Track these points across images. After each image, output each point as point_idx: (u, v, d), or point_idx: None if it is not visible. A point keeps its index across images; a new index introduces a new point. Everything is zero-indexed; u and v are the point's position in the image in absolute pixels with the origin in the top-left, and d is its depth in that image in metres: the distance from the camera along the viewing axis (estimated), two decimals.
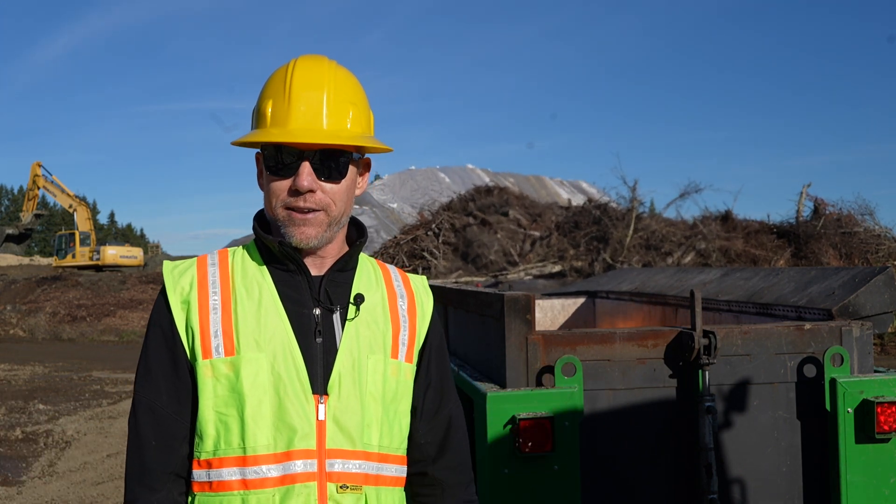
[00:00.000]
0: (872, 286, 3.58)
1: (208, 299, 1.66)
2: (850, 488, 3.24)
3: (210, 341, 1.62)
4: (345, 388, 1.63)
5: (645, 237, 20.23)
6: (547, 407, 3.09)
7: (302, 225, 1.63)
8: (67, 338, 24.52)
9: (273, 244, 1.67)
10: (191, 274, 1.69)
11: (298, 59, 1.70)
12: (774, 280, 4.38)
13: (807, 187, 20.76)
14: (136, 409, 1.67)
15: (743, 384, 3.34)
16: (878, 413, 3.17)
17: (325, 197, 1.64)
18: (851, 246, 18.62)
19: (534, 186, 67.16)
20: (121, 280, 30.59)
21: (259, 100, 1.69)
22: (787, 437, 3.36)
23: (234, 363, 1.60)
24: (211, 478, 1.61)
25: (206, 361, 1.62)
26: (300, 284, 1.68)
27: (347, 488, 1.61)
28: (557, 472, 3.10)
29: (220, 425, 1.60)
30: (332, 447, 1.61)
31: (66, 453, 8.82)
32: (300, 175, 1.61)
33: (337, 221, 1.68)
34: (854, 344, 3.38)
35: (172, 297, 1.67)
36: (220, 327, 1.63)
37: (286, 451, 1.59)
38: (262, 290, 1.66)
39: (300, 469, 1.59)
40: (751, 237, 19.95)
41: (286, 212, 1.64)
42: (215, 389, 1.61)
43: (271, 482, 1.58)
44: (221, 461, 1.60)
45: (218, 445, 1.61)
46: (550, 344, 3.27)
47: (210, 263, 1.72)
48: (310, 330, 1.65)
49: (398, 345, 1.73)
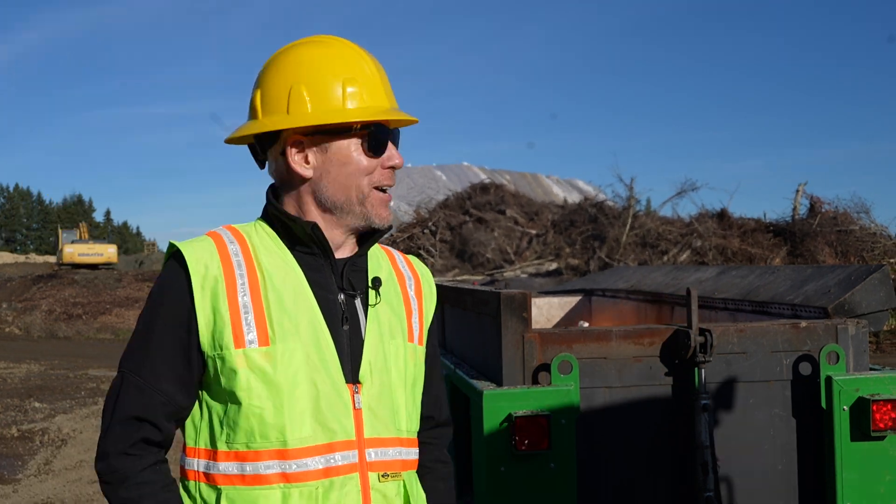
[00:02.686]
0: (868, 284, 3.59)
1: (235, 283, 1.56)
2: (846, 486, 3.25)
3: (242, 329, 1.53)
4: (375, 375, 1.61)
5: (641, 235, 20.26)
6: (543, 405, 3.10)
7: (388, 204, 1.64)
8: (63, 336, 24.47)
9: (305, 226, 1.60)
10: (211, 253, 1.57)
11: (345, 40, 1.66)
12: (770, 278, 4.39)
13: (803, 185, 20.81)
14: (121, 387, 1.57)
15: (739, 382, 3.34)
16: (874, 411, 3.18)
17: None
18: (847, 244, 18.67)
19: (530, 184, 67.24)
20: (116, 278, 30.54)
21: (325, 77, 1.60)
22: (783, 434, 3.36)
23: (269, 354, 1.53)
24: (246, 471, 1.54)
25: (238, 351, 1.52)
26: (324, 269, 1.62)
27: (388, 476, 1.60)
28: (554, 470, 3.10)
29: (254, 418, 1.53)
30: (370, 436, 1.59)
31: (62, 451, 8.81)
32: (395, 153, 1.63)
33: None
34: (850, 342, 3.39)
35: (196, 278, 1.54)
36: (252, 314, 1.54)
37: (328, 442, 1.54)
38: (289, 274, 1.59)
39: (342, 461, 1.55)
40: (747, 235, 19.99)
41: (375, 192, 1.62)
42: (249, 381, 1.52)
43: (314, 475, 1.53)
44: (258, 454, 1.53)
45: (252, 438, 1.53)
46: (547, 342, 3.28)
47: (228, 241, 1.61)
48: (337, 317, 1.60)
49: (412, 328, 1.72)
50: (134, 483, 1.54)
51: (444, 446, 1.89)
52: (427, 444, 1.82)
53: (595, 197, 22.72)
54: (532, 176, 74.45)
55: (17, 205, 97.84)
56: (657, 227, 20.37)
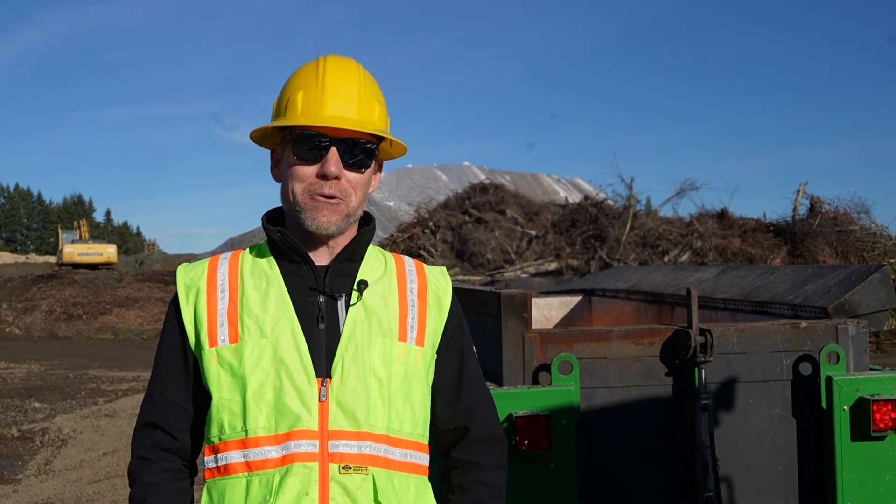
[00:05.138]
0: (868, 284, 3.59)
1: (216, 292, 1.72)
2: (846, 486, 3.24)
3: (216, 331, 1.68)
4: (347, 370, 1.66)
5: (641, 235, 20.25)
6: (543, 405, 3.10)
7: (324, 209, 1.68)
8: (63, 336, 24.48)
9: (275, 234, 1.72)
10: (201, 270, 1.76)
11: (328, 56, 1.77)
12: (770, 278, 4.39)
13: (803, 185, 20.79)
14: (143, 399, 1.78)
15: (739, 382, 3.34)
16: (874, 411, 3.17)
17: (348, 186, 1.70)
18: (847, 244, 18.67)
19: (530, 184, 67.11)
20: (117, 278, 30.54)
21: (285, 91, 1.76)
22: (783, 434, 3.36)
23: (237, 350, 1.66)
24: (218, 462, 1.66)
25: (211, 350, 1.68)
26: (306, 274, 1.72)
27: (351, 469, 1.63)
28: (554, 471, 3.10)
29: (224, 411, 1.66)
30: (334, 428, 1.63)
31: (63, 451, 8.81)
32: (328, 161, 1.67)
33: (353, 213, 1.73)
34: (850, 342, 3.38)
35: (182, 292, 1.74)
36: (227, 317, 1.69)
37: (286, 431, 1.62)
38: (270, 281, 1.71)
39: (300, 449, 1.61)
40: (747, 235, 19.98)
41: (309, 197, 1.69)
42: (219, 376, 1.67)
43: (272, 463, 1.61)
44: (226, 444, 1.65)
45: (223, 430, 1.66)
46: (547, 342, 3.28)
47: (221, 260, 1.79)
48: (313, 316, 1.69)
49: (406, 328, 1.75)
50: (142, 484, 1.70)
51: (489, 467, 1.81)
52: (466, 464, 1.81)
53: (596, 196, 22.71)
54: (532, 176, 74.49)
55: (18, 205, 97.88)
56: (657, 227, 20.37)
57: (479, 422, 1.83)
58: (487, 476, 1.81)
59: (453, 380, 1.81)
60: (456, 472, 1.81)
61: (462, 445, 1.81)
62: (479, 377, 1.87)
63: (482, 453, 1.82)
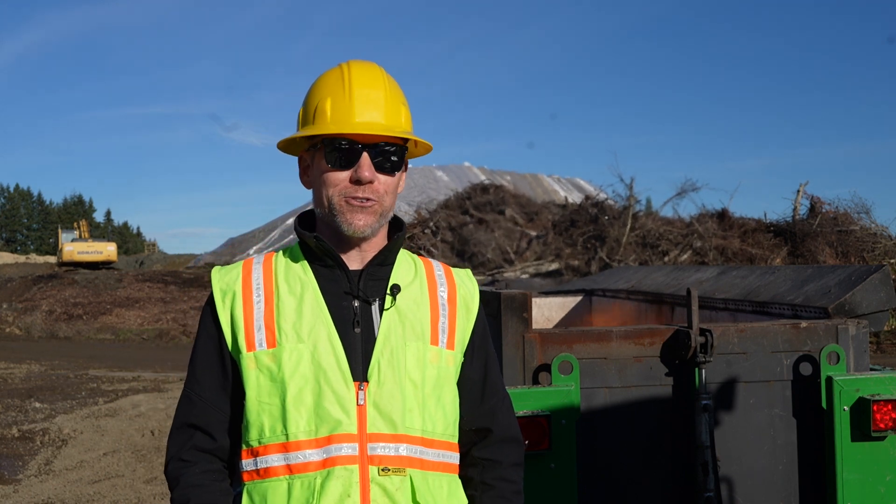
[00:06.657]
0: (868, 284, 3.59)
1: (252, 296, 1.75)
2: (846, 486, 3.25)
3: (253, 335, 1.71)
4: (384, 374, 1.70)
5: (641, 235, 20.25)
6: (543, 405, 3.10)
7: (359, 211, 1.72)
8: (64, 336, 24.49)
9: (310, 240, 1.76)
10: (236, 274, 1.80)
11: (351, 62, 1.80)
12: (771, 278, 4.39)
13: (804, 185, 20.79)
14: (179, 400, 1.80)
15: (739, 382, 3.34)
16: (874, 411, 3.18)
17: (381, 188, 1.73)
18: (848, 244, 18.66)
19: (530, 184, 67.04)
20: (117, 278, 30.55)
21: (312, 98, 1.78)
22: (784, 434, 3.36)
23: (275, 354, 1.69)
24: (258, 465, 1.69)
25: (249, 354, 1.71)
26: (339, 278, 1.75)
27: (389, 471, 1.67)
28: (554, 471, 3.10)
29: (263, 414, 1.68)
30: (372, 431, 1.67)
31: (63, 451, 8.81)
32: (361, 166, 1.71)
33: (386, 214, 1.77)
34: (850, 342, 3.39)
35: (218, 295, 1.77)
36: (263, 322, 1.72)
37: (327, 435, 1.65)
38: (305, 285, 1.75)
39: (341, 452, 1.65)
40: (747, 235, 19.98)
41: (345, 201, 1.72)
42: (258, 380, 1.69)
43: (314, 466, 1.64)
44: (266, 448, 1.68)
45: (262, 433, 1.68)
46: (547, 342, 3.28)
47: (255, 264, 1.82)
48: (349, 321, 1.72)
49: (437, 332, 1.79)
50: (185, 485, 1.72)
51: (509, 465, 1.89)
52: (488, 462, 1.87)
53: (596, 196, 22.72)
54: (532, 176, 74.37)
55: (18, 205, 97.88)
56: (658, 228, 20.37)
57: (502, 423, 1.90)
58: (508, 473, 1.89)
59: (479, 382, 1.87)
60: (476, 469, 1.87)
61: (484, 444, 1.87)
62: (500, 379, 1.94)
63: (503, 452, 1.89)
